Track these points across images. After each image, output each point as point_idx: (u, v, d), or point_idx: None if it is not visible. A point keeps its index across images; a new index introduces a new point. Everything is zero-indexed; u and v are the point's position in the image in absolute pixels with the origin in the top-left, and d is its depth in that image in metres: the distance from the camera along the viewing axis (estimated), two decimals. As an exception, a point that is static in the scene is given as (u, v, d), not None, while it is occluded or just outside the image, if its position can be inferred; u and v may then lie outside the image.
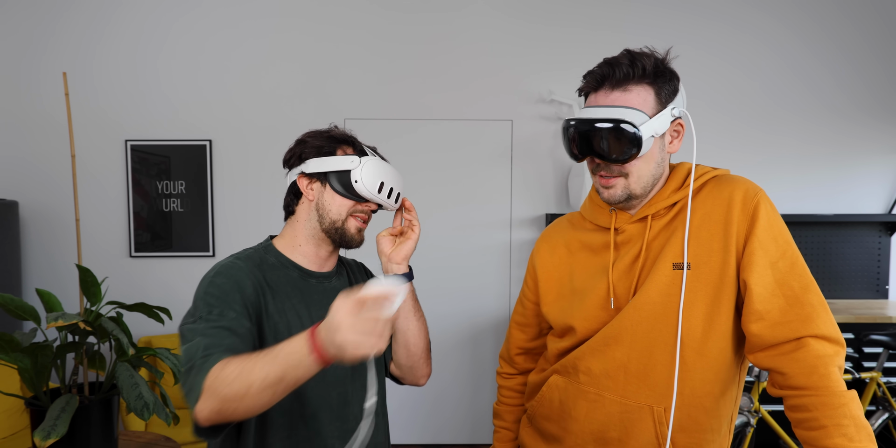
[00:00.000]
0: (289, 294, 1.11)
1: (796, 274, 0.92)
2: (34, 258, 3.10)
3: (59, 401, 1.46)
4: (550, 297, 1.12)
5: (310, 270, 1.16)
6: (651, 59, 0.96)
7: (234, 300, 1.00)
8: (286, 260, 1.14)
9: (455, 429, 3.21)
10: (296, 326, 1.09)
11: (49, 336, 2.82)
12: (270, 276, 1.11)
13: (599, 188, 1.02)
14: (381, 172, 1.11)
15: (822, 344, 0.89)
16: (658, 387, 0.97)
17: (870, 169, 3.17)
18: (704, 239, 0.96)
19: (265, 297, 1.07)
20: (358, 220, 1.13)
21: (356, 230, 1.13)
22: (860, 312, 2.80)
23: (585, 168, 2.88)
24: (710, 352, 0.96)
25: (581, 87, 1.02)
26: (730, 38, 3.13)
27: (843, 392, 0.87)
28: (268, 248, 1.16)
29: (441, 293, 3.18)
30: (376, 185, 1.10)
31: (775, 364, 0.92)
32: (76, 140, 3.05)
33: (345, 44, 3.08)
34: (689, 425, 0.98)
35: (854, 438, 0.84)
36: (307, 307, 1.12)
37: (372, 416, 0.87)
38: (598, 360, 1.01)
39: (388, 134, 3.10)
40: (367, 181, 1.09)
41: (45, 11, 3.03)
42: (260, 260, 1.13)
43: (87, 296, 1.66)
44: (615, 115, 0.93)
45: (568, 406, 1.05)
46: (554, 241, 1.15)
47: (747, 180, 0.99)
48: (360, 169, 1.08)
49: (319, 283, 1.16)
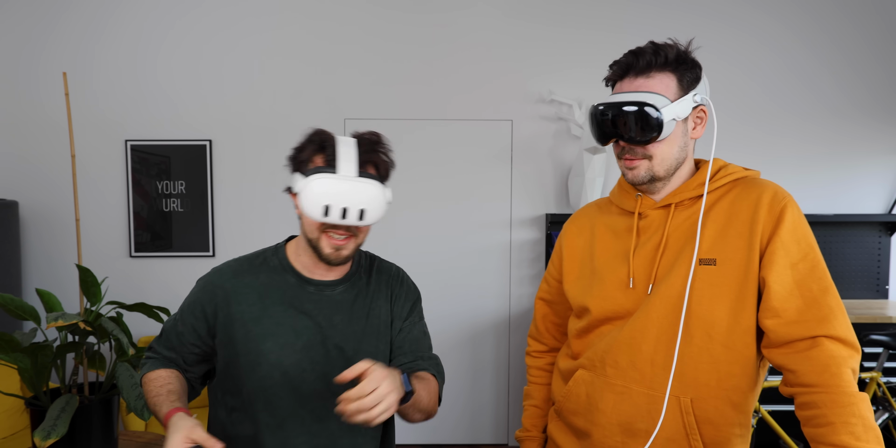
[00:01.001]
0: (276, 300, 1.11)
1: (816, 276, 0.94)
2: (34, 258, 3.10)
3: (59, 401, 1.46)
4: (572, 276, 1.17)
5: (308, 278, 1.14)
6: (673, 49, 1.01)
7: (195, 314, 1.14)
8: (288, 265, 1.15)
9: (455, 429, 3.21)
10: (270, 335, 1.09)
11: (49, 336, 2.82)
12: (265, 280, 1.12)
13: (624, 170, 1.07)
14: (326, 193, 1.00)
15: (836, 345, 0.90)
16: (685, 377, 0.99)
17: (870, 169, 3.17)
18: (732, 237, 0.99)
19: (239, 305, 1.11)
20: (333, 239, 1.07)
21: (331, 249, 1.08)
22: (860, 312, 2.80)
23: (585, 168, 2.89)
24: (735, 345, 0.98)
25: (607, 77, 1.07)
26: (730, 38, 3.13)
27: (853, 392, 0.87)
28: (278, 249, 1.18)
29: (441, 293, 3.18)
30: (320, 210, 1.01)
31: (788, 361, 0.93)
32: (76, 140, 3.05)
33: (345, 43, 3.08)
34: (716, 418, 1.00)
35: (861, 438, 0.84)
36: (293, 316, 1.11)
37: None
38: (625, 354, 1.03)
39: (388, 134, 3.08)
40: (309, 208, 1.00)
41: (44, 11, 3.03)
42: (262, 262, 1.15)
43: (87, 296, 1.66)
44: (638, 98, 0.99)
45: (595, 399, 1.07)
46: (581, 223, 1.21)
47: (778, 185, 1.03)
48: (302, 193, 1.00)
49: (318, 291, 1.14)
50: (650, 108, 0.97)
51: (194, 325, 1.14)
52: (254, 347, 1.09)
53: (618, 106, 1.00)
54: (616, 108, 1.00)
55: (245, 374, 1.09)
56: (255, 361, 1.09)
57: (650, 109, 0.97)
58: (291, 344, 1.10)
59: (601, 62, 3.10)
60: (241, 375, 1.10)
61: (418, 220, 3.15)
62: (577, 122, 3.01)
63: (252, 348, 1.09)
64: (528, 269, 3.18)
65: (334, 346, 1.12)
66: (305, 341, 1.10)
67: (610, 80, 1.07)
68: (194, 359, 1.17)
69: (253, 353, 1.09)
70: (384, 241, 3.14)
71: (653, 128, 0.98)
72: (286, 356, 1.09)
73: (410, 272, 3.16)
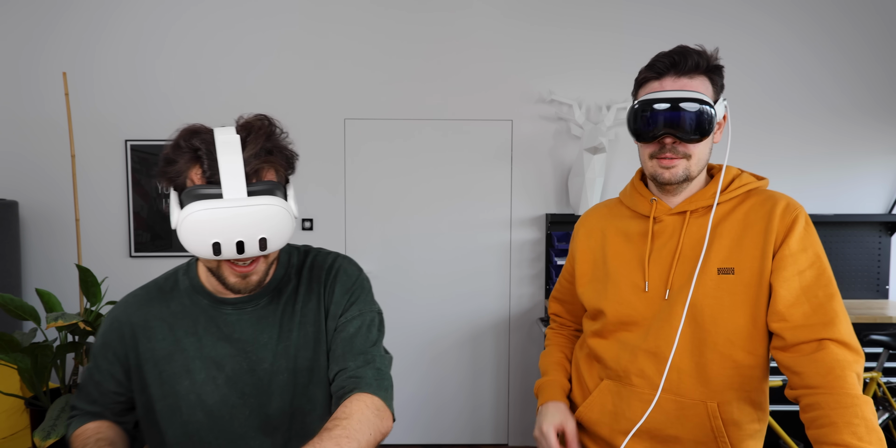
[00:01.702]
0: (189, 329, 0.96)
1: (822, 284, 0.98)
2: (34, 258, 3.10)
3: (59, 401, 1.46)
4: (585, 279, 1.18)
5: (222, 298, 0.97)
6: (707, 55, 1.03)
7: (106, 357, 0.99)
8: (199, 285, 0.98)
9: (455, 429, 3.21)
10: (185, 373, 0.95)
11: (49, 336, 2.82)
12: (176, 308, 0.97)
13: (658, 170, 1.05)
14: (212, 231, 0.80)
15: (841, 349, 0.93)
16: (711, 383, 1.02)
17: (870, 169, 3.17)
18: (747, 246, 1.02)
19: (148, 342, 0.96)
20: (236, 267, 0.89)
21: (236, 278, 0.91)
22: (860, 312, 2.80)
23: (585, 168, 2.89)
24: (756, 350, 1.02)
25: (642, 76, 1.06)
26: (730, 38, 3.13)
27: (857, 394, 0.88)
28: (189, 267, 1.01)
29: (441, 293, 3.18)
30: (208, 249, 0.82)
31: (795, 364, 0.95)
32: (76, 140, 3.05)
33: (345, 43, 3.08)
34: (741, 418, 1.03)
35: (864, 439, 0.84)
36: (210, 345, 0.96)
37: None
38: (652, 363, 1.05)
39: (388, 134, 3.10)
40: (194, 248, 0.82)
41: (44, 11, 3.03)
42: (172, 287, 1.00)
43: (86, 296, 1.66)
44: (696, 95, 0.99)
45: (622, 408, 1.09)
46: (591, 225, 1.21)
47: (790, 197, 1.06)
48: (181, 228, 0.81)
49: (237, 310, 0.97)
50: (707, 105, 0.99)
51: (110, 370, 0.97)
52: (169, 390, 0.94)
53: (676, 101, 0.99)
54: (674, 103, 0.99)
55: (164, 420, 0.96)
56: (174, 405, 0.95)
57: (707, 107, 0.99)
58: (213, 378, 0.95)
59: (601, 62, 3.10)
60: (159, 423, 0.96)
61: (418, 220, 3.15)
62: (577, 122, 3.01)
63: (167, 391, 0.94)
64: (528, 269, 3.18)
65: (266, 370, 0.96)
66: (229, 372, 0.95)
67: (647, 78, 1.05)
68: (121, 408, 1.00)
69: (170, 396, 0.94)
70: (383, 242, 3.15)
71: (706, 126, 1.00)
72: (208, 394, 0.94)
73: (410, 272, 3.16)
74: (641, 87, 1.07)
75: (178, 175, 0.85)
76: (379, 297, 3.18)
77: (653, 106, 1.01)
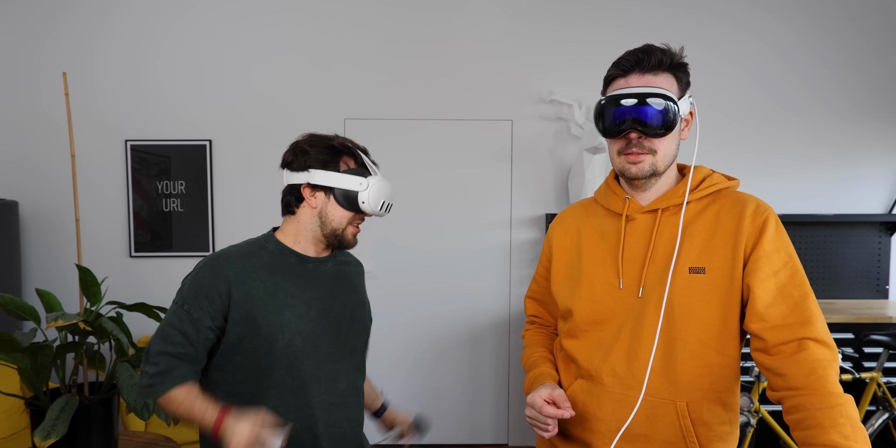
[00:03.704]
0: (284, 276, 1.24)
1: (796, 283, 0.99)
2: (34, 258, 3.10)
3: (59, 401, 1.46)
4: (560, 278, 1.19)
5: (306, 256, 1.28)
6: (671, 53, 1.06)
7: (208, 296, 1.17)
8: (285, 248, 1.27)
9: (455, 429, 3.21)
10: (287, 306, 1.21)
11: (49, 336, 2.82)
12: (269, 260, 1.24)
13: (626, 165, 1.07)
14: (384, 192, 1.26)
15: (820, 348, 0.94)
16: (680, 383, 1.03)
17: (870, 169, 3.17)
18: (718, 246, 1.03)
19: (252, 282, 1.20)
20: (355, 227, 1.29)
21: (352, 236, 1.29)
22: (860, 312, 2.80)
23: (585, 168, 2.89)
24: (727, 350, 1.03)
25: (609, 74, 1.09)
26: (730, 38, 3.13)
27: (839, 393, 0.90)
28: (269, 238, 1.29)
29: (441, 293, 3.18)
30: (379, 205, 1.25)
31: (777, 365, 0.96)
32: (76, 140, 3.05)
33: (345, 42, 3.08)
34: (710, 419, 1.04)
35: (850, 437, 0.86)
36: (302, 289, 1.25)
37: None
38: (623, 362, 1.06)
39: (388, 134, 3.10)
40: (372, 202, 1.24)
41: (44, 11, 3.03)
42: (259, 248, 1.26)
43: (87, 296, 1.67)
44: (659, 90, 1.02)
45: (592, 407, 1.09)
46: (567, 224, 1.23)
47: (759, 199, 1.09)
48: (367, 192, 1.23)
49: (316, 267, 1.29)
50: (670, 101, 1.01)
51: (209, 307, 1.17)
52: (274, 319, 1.19)
53: (640, 96, 1.01)
54: (639, 99, 1.01)
55: (266, 344, 1.19)
56: (277, 332, 1.19)
57: (670, 103, 1.01)
58: (306, 313, 1.23)
59: (601, 62, 3.10)
60: (259, 347, 1.19)
61: (418, 220, 3.15)
62: (577, 122, 3.01)
63: (273, 320, 1.19)
64: (528, 269, 3.18)
65: (336, 314, 1.29)
66: (316, 311, 1.25)
67: (614, 76, 1.08)
68: (207, 346, 1.20)
69: (274, 323, 1.19)
70: (384, 241, 3.15)
71: (670, 120, 1.02)
72: (303, 325, 1.22)
73: (410, 272, 3.17)
74: (609, 85, 1.09)
75: (334, 163, 1.24)
76: (378, 296, 3.18)
77: (618, 102, 1.04)
